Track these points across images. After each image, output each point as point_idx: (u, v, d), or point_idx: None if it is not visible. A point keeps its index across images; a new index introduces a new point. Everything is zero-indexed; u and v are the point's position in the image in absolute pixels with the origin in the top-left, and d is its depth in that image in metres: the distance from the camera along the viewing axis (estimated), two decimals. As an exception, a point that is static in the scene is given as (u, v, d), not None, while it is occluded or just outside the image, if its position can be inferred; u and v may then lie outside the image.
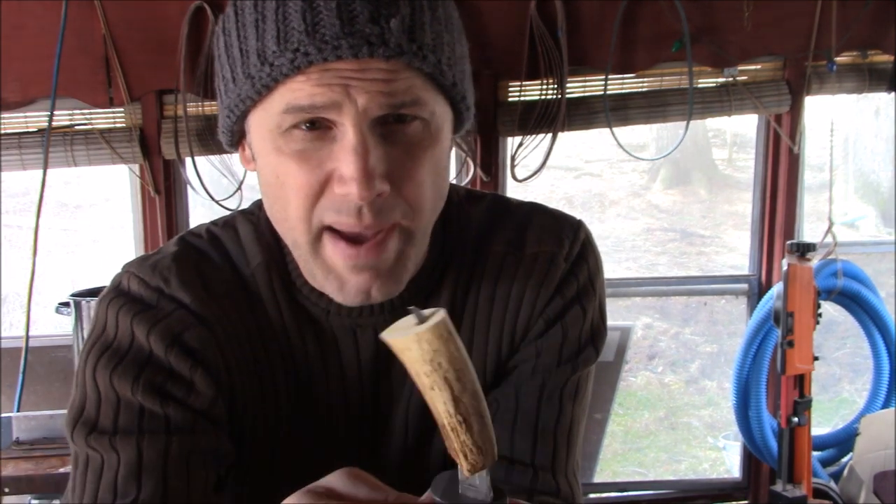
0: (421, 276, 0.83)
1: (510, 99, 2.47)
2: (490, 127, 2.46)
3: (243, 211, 0.87)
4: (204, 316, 0.78)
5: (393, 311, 0.81)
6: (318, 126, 0.69)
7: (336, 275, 0.73)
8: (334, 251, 0.71)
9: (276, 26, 0.66)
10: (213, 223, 0.87)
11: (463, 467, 0.51)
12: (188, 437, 0.75)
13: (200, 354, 0.77)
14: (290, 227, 0.73)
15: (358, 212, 0.69)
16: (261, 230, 0.84)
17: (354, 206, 0.68)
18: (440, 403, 0.49)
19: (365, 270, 0.72)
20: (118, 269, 0.83)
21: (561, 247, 0.85)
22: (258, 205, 0.86)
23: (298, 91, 0.67)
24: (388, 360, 0.83)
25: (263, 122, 0.71)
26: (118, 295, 0.79)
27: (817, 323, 2.38)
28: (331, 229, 0.72)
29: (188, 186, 2.43)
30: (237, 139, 0.78)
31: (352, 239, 0.71)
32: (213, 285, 0.81)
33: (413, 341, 0.47)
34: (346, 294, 0.74)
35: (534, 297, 0.84)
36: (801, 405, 2.35)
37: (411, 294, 0.82)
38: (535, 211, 0.89)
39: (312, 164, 0.69)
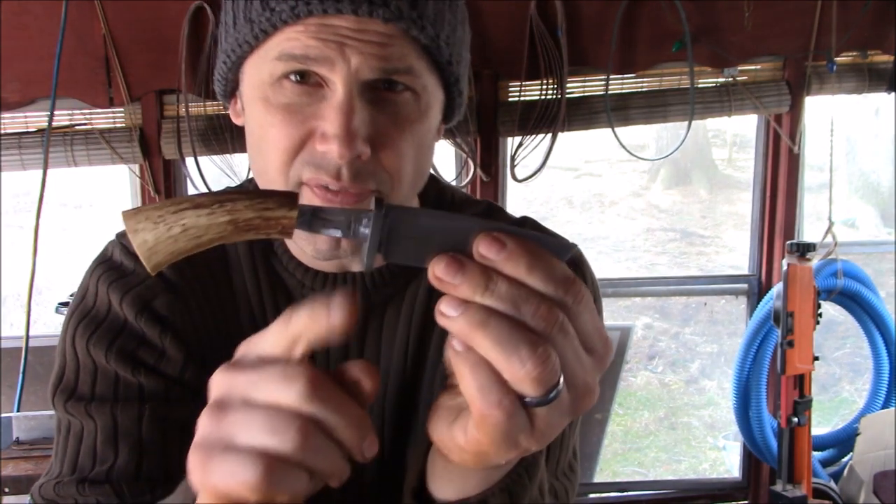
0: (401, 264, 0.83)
1: (510, 99, 2.47)
2: (490, 127, 2.46)
3: (232, 186, 0.90)
4: (177, 283, 0.80)
5: (366, 292, 0.82)
6: (308, 80, 0.69)
7: None
8: (312, 198, 0.71)
9: None
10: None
11: None
12: (162, 405, 0.77)
13: (169, 321, 0.79)
14: (269, 181, 0.74)
15: (336, 172, 0.69)
16: None
17: (333, 165, 0.69)
18: None
19: None
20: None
21: None
22: (249, 179, 0.87)
23: (294, 40, 0.68)
24: (360, 337, 0.83)
25: (256, 70, 0.72)
26: (101, 262, 0.82)
27: (817, 323, 2.38)
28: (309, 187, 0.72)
29: (188, 186, 2.43)
30: (231, 90, 0.79)
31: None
32: (193, 254, 0.81)
33: None
34: (318, 241, 0.73)
35: None
36: (801, 405, 2.35)
37: (386, 281, 0.83)
38: (529, 223, 0.90)
39: (297, 119, 0.70)
